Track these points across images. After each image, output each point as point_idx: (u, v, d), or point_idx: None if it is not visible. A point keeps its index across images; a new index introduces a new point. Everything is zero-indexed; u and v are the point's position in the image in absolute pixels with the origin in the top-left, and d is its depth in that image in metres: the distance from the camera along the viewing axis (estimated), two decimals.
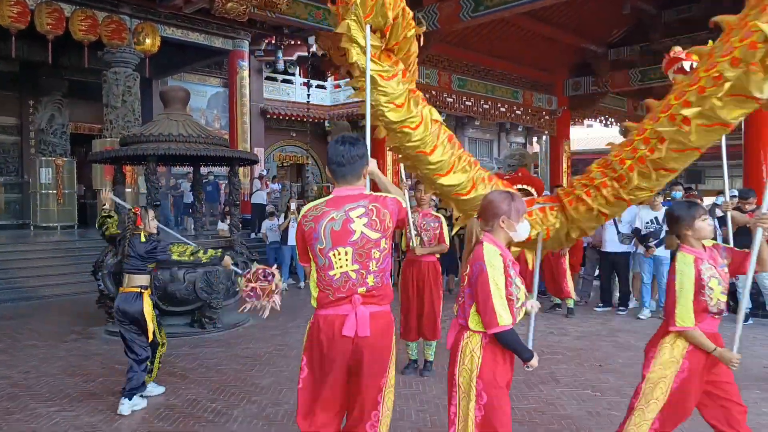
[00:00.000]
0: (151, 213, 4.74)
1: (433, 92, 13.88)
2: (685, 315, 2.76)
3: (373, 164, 2.75)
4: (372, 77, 3.17)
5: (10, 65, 15.52)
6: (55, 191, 14.71)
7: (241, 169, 14.45)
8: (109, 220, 5.94)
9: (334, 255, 2.49)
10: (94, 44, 11.37)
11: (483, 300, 2.47)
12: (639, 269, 7.93)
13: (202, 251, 4.81)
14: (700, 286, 2.78)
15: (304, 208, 2.67)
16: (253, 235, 13.52)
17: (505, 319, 2.45)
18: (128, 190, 12.27)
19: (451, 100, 15.44)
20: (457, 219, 3.73)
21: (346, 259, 2.49)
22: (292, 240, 10.45)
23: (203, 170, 11.97)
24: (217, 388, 4.87)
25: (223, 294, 7.15)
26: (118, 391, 4.52)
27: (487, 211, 2.62)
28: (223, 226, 10.65)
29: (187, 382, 5.00)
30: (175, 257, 4.65)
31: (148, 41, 11.78)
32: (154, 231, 4.74)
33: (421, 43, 3.48)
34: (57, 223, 14.54)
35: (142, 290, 4.50)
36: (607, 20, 12.85)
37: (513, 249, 3.08)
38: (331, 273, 2.51)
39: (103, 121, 13.99)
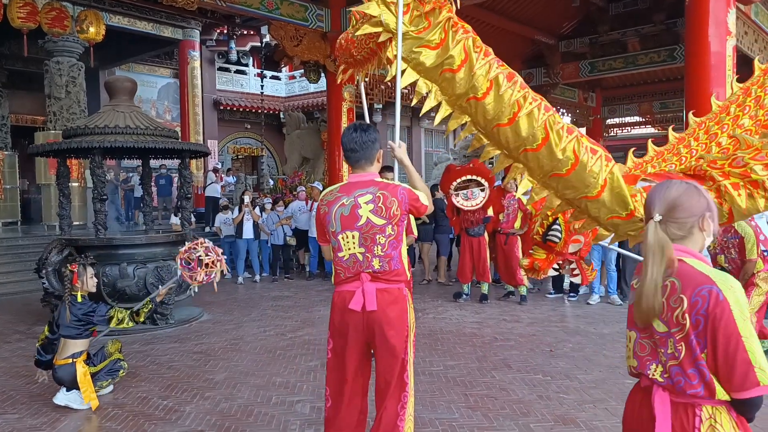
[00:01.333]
0: (90, 270, 4.50)
1: (389, 83, 13.88)
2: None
3: (401, 151, 2.84)
4: (405, 32, 2.82)
5: None
6: None
7: (193, 162, 14.18)
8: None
9: (342, 238, 2.68)
10: (34, 32, 10.88)
11: (730, 350, 1.54)
12: (588, 256, 8.14)
13: (143, 308, 4.58)
14: None
15: (322, 193, 2.83)
16: (207, 229, 13.26)
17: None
18: (74, 184, 11.88)
19: (406, 91, 15.47)
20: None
21: (354, 242, 2.66)
22: (247, 233, 10.33)
23: (156, 163, 11.71)
24: (169, 385, 4.78)
25: (175, 290, 7.00)
26: None
27: (679, 209, 1.71)
28: (175, 220, 10.42)
29: (138, 380, 4.88)
30: (113, 325, 4.40)
31: (92, 30, 11.33)
32: (93, 290, 4.55)
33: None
34: None
35: (74, 359, 4.29)
36: (558, 12, 13.08)
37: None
38: (341, 254, 2.71)
39: (46, 113, 13.47)
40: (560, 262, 4.10)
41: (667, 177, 2.74)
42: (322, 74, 12.78)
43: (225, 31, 18.00)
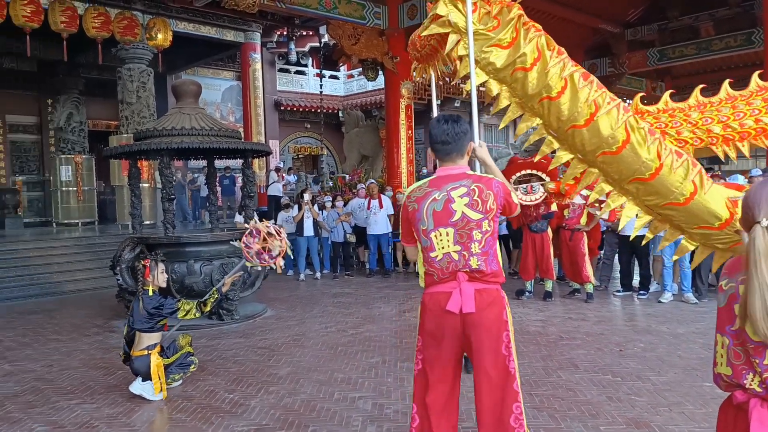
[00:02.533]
0: (161, 266, 4.67)
1: (447, 79, 13.77)
2: None
3: (483, 150, 2.71)
4: (475, 31, 2.74)
5: (28, 64, 15.75)
6: (75, 188, 14.91)
7: (256, 162, 14.53)
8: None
9: (435, 236, 2.49)
10: (107, 41, 11.43)
11: None
12: (660, 252, 7.79)
13: (210, 298, 4.74)
14: None
15: (408, 189, 2.66)
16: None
17: None
18: (145, 185, 12.40)
19: (464, 85, 15.30)
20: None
21: (448, 240, 2.47)
22: (307, 231, 10.47)
23: (220, 164, 12.07)
24: (235, 378, 4.89)
25: (240, 286, 7.18)
26: None
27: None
28: (239, 219, 10.69)
29: (205, 373, 5.03)
30: (181, 316, 4.58)
31: (160, 36, 11.80)
32: (164, 285, 4.70)
33: None
34: (78, 219, 14.77)
35: (149, 351, 4.47)
36: (624, 0, 12.59)
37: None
38: (433, 254, 2.50)
39: (119, 118, 14.12)
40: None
41: None
42: (380, 72, 12.81)
43: (285, 33, 18.33)
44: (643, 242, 3.70)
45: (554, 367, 4.91)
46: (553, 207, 7.79)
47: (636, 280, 8.14)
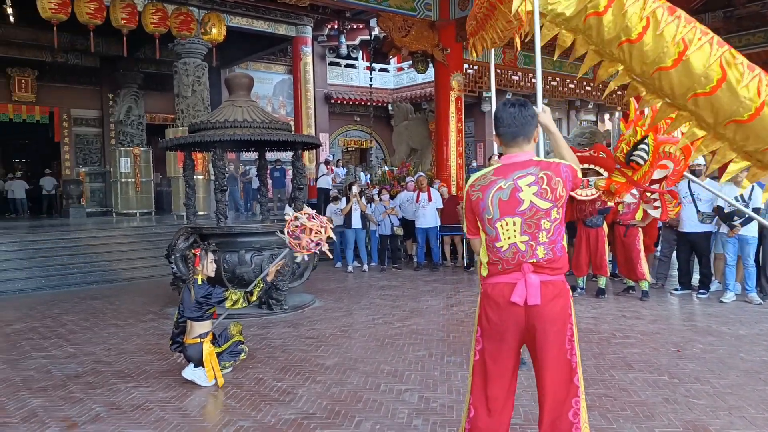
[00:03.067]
0: (210, 255, 4.77)
1: (498, 71, 13.54)
2: None
3: (546, 116, 2.60)
4: None
5: (91, 60, 16.41)
6: (133, 180, 15.49)
7: (306, 154, 14.69)
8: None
9: (501, 226, 2.42)
10: (164, 36, 11.77)
11: None
12: (722, 250, 7.44)
13: (255, 288, 4.81)
14: None
15: (472, 178, 2.59)
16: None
17: None
18: (199, 177, 12.73)
19: (517, 78, 15.03)
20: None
21: (515, 230, 2.40)
22: (355, 223, 10.51)
23: (271, 156, 12.26)
24: (283, 367, 4.96)
25: (289, 277, 7.28)
26: None
27: None
28: (289, 211, 10.81)
29: (254, 361, 5.12)
30: (228, 305, 4.66)
31: (214, 31, 12.07)
32: (212, 274, 4.79)
33: None
34: (136, 209, 15.35)
35: (201, 338, 4.58)
36: None
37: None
38: (498, 244, 2.44)
39: (175, 111, 14.54)
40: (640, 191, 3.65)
41: None
42: (430, 64, 12.71)
43: (335, 26, 18.45)
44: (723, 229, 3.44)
45: (606, 365, 4.77)
46: (610, 202, 7.54)
47: (696, 279, 7.81)
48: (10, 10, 11.78)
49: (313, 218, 4.71)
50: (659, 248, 8.55)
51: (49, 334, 6.37)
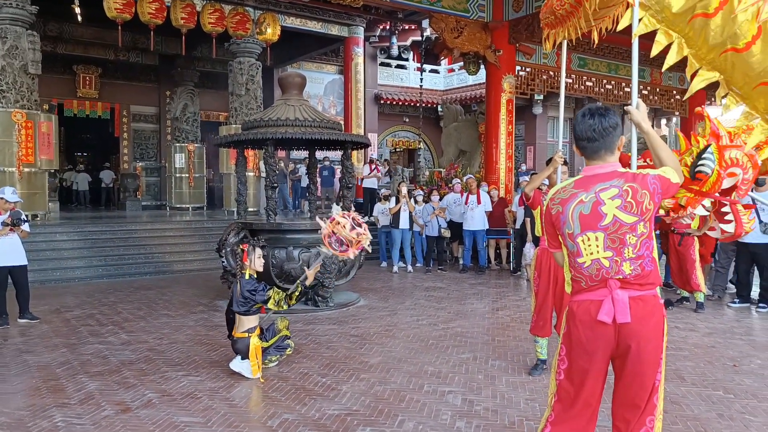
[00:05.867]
0: (258, 251, 4.86)
1: (551, 73, 13.31)
2: None
3: (639, 114, 2.46)
4: None
5: (150, 58, 17.02)
6: (187, 175, 15.95)
7: (354, 154, 14.79)
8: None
9: (582, 241, 2.30)
10: (221, 36, 12.10)
11: None
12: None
13: (295, 292, 4.86)
14: None
15: (552, 191, 2.47)
16: (365, 219, 13.78)
17: None
18: (250, 174, 13.01)
19: (570, 80, 14.73)
20: None
21: (597, 246, 2.27)
22: (403, 224, 10.52)
23: (320, 155, 12.41)
24: (328, 363, 5.02)
25: (335, 274, 7.36)
26: None
27: None
28: (337, 209, 10.94)
29: (300, 356, 5.21)
30: (270, 305, 4.73)
31: (269, 31, 12.32)
32: (260, 269, 4.88)
33: None
34: (188, 204, 15.80)
35: (249, 333, 4.67)
36: None
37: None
38: (580, 260, 2.32)
39: (228, 109, 14.91)
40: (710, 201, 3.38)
41: None
42: (482, 66, 12.61)
43: (387, 27, 18.51)
44: None
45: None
46: (661, 210, 7.31)
47: (756, 292, 7.48)
48: (78, 10, 12.34)
49: (352, 222, 4.73)
50: (716, 258, 8.23)
51: (106, 321, 6.64)
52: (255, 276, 4.83)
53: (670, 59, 2.40)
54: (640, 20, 2.42)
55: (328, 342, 5.76)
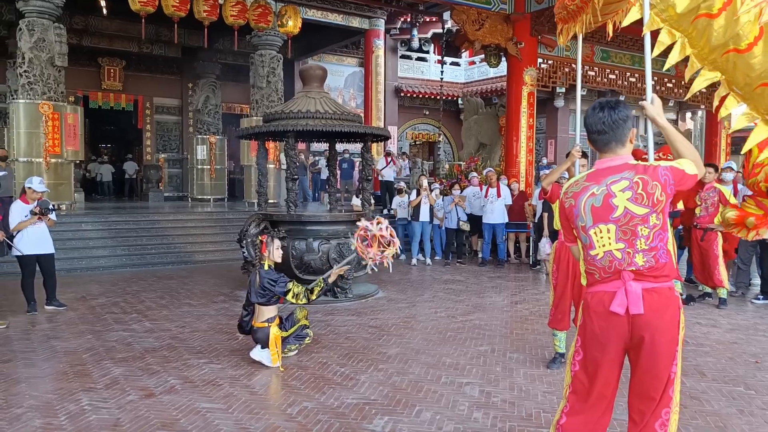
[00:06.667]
0: (276, 242, 4.88)
1: (573, 65, 13.16)
2: None
3: (654, 109, 2.46)
4: None
5: (173, 51, 17.19)
6: (208, 167, 16.12)
7: (374, 146, 14.81)
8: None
9: (595, 233, 2.33)
10: (243, 28, 12.18)
11: None
12: None
13: (316, 287, 4.88)
14: None
15: (566, 185, 2.51)
16: (384, 211, 13.82)
17: None
18: (270, 166, 13.11)
19: (593, 73, 14.56)
20: None
21: (609, 238, 2.30)
22: (423, 216, 10.53)
23: (340, 148, 12.46)
24: (346, 354, 5.08)
25: (354, 266, 7.41)
26: None
27: None
28: (356, 201, 11.00)
29: (319, 346, 5.27)
30: (289, 298, 4.73)
31: (290, 23, 12.38)
32: (279, 260, 4.91)
33: None
34: (210, 195, 15.98)
35: (269, 323, 4.72)
36: None
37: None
38: (593, 252, 2.35)
39: (250, 101, 15.02)
40: None
41: None
42: (503, 58, 12.53)
43: (408, 20, 18.45)
44: None
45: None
46: (679, 205, 7.23)
47: None
48: (103, 2, 12.51)
49: (385, 231, 4.78)
50: (738, 254, 8.10)
51: (129, 309, 6.78)
52: (273, 267, 4.89)
53: (672, 58, 2.41)
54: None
55: (347, 332, 5.81)
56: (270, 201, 12.63)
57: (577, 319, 2.60)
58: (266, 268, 4.82)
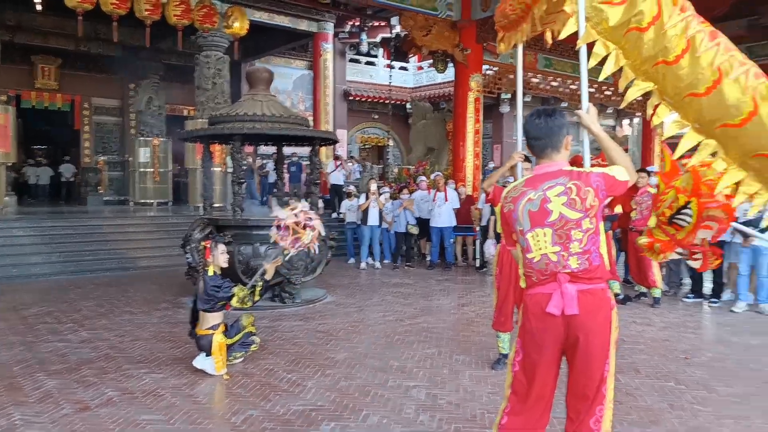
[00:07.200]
0: (221, 247, 4.79)
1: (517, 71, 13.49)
2: None
3: (588, 117, 2.56)
4: None
5: (113, 49, 16.61)
6: (152, 170, 15.67)
7: (323, 150, 14.74)
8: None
9: (532, 237, 2.41)
10: (187, 28, 11.90)
11: None
12: (736, 259, 7.39)
13: (256, 286, 4.78)
14: None
15: (506, 190, 2.58)
16: (334, 215, 13.77)
17: None
18: (216, 169, 12.85)
19: (537, 80, 14.98)
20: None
21: (545, 241, 2.38)
22: (372, 220, 10.56)
23: (288, 151, 12.35)
24: (293, 360, 5.03)
25: (302, 271, 7.35)
26: None
27: None
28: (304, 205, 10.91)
29: (265, 353, 5.20)
30: (235, 302, 4.64)
31: (237, 25, 12.19)
32: (224, 265, 4.80)
33: None
34: (153, 199, 15.53)
35: (213, 330, 4.63)
36: None
37: None
38: (530, 256, 2.42)
39: (195, 103, 14.70)
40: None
41: None
42: (450, 64, 12.72)
43: (357, 23, 18.48)
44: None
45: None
46: (617, 209, 7.54)
47: (708, 287, 7.76)
48: None
49: (300, 216, 4.71)
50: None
51: (65, 318, 6.50)
52: (219, 272, 4.80)
53: (607, 69, 2.53)
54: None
55: (294, 338, 5.76)
56: (216, 205, 12.37)
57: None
58: (211, 273, 4.73)
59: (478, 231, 10.72)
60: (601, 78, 2.77)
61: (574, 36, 2.69)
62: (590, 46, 2.62)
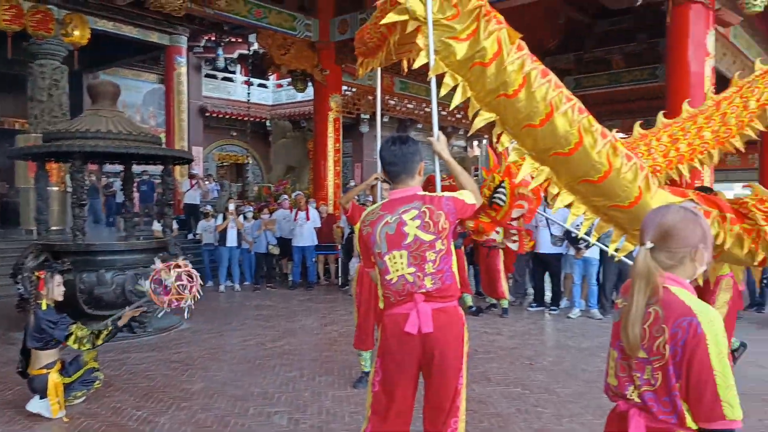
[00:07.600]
0: (57, 278, 4.39)
1: (369, 97, 13.94)
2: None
3: (439, 144, 2.68)
4: (434, 19, 2.58)
5: None
6: None
7: (177, 169, 14.07)
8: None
9: (389, 259, 2.49)
10: (19, 34, 10.79)
11: (701, 382, 1.54)
12: (570, 270, 8.19)
13: (104, 330, 4.35)
14: None
15: (364, 213, 2.65)
16: (190, 236, 13.14)
17: (736, 412, 1.54)
18: (54, 188, 11.73)
19: (393, 102, 15.57)
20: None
21: (402, 263, 2.47)
22: (231, 241, 10.24)
23: (138, 169, 11.60)
24: (144, 394, 4.70)
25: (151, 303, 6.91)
26: None
27: (672, 239, 1.65)
28: (157, 227, 10.31)
29: (112, 389, 4.80)
30: (71, 343, 4.20)
31: (77, 33, 11.27)
32: (60, 298, 4.40)
33: None
34: None
35: (48, 369, 4.20)
36: (543, 29, 13.25)
37: None
38: (388, 277, 2.50)
39: (28, 116, 13.30)
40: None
41: (713, 199, 2.82)
42: (309, 83, 12.81)
43: (213, 38, 17.96)
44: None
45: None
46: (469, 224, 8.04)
47: (548, 296, 8.51)
48: None
49: (182, 278, 4.45)
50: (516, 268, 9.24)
51: None
52: (54, 305, 4.35)
53: (456, 100, 2.71)
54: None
55: (145, 371, 5.39)
56: (54, 228, 11.23)
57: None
58: (44, 307, 4.27)
59: (340, 249, 10.83)
60: (452, 107, 2.95)
61: (427, 65, 2.85)
62: (440, 76, 2.79)
